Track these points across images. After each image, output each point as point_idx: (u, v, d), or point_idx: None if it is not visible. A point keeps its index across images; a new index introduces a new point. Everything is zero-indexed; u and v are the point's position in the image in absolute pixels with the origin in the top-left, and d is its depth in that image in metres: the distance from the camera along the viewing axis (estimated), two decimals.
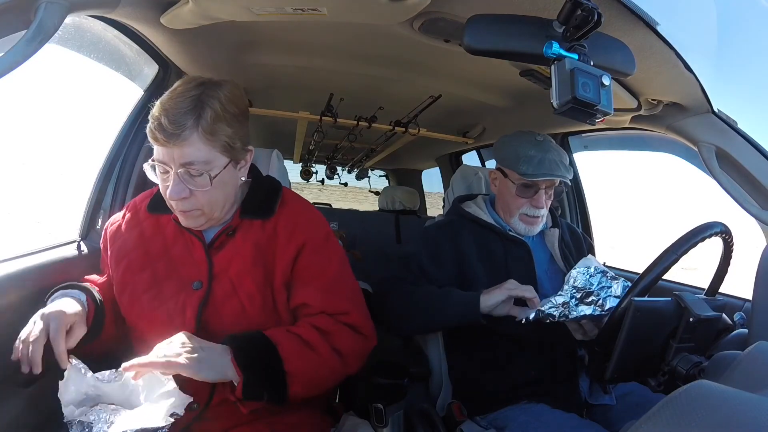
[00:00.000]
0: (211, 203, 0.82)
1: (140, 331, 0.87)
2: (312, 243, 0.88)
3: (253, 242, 0.86)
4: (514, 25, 0.67)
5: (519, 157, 1.11)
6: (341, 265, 0.92)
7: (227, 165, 0.81)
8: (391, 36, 1.08)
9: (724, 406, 0.39)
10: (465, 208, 1.23)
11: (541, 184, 1.12)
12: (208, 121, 0.76)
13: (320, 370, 0.82)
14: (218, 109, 0.77)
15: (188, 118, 0.75)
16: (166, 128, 0.74)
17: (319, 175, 4.06)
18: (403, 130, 2.15)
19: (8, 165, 6.40)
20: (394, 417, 1.05)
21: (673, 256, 0.82)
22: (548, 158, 1.10)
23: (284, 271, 0.86)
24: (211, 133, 0.77)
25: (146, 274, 0.87)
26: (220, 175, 0.80)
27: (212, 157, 0.79)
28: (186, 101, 0.76)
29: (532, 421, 0.94)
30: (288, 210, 0.91)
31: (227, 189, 0.85)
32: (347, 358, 0.85)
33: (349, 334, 0.87)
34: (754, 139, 1.04)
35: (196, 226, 0.86)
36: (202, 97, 0.77)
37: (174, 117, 0.74)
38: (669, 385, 0.77)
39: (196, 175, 0.78)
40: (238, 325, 0.83)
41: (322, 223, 0.94)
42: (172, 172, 0.78)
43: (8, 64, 0.57)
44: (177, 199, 0.79)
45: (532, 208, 1.13)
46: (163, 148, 0.77)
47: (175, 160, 0.77)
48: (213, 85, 0.80)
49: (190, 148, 0.76)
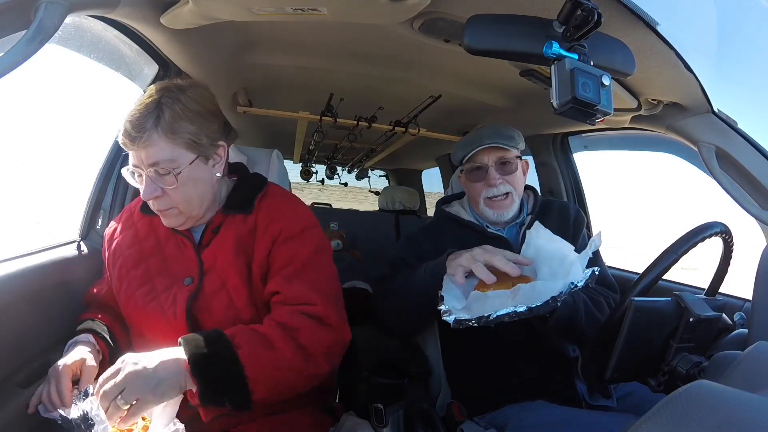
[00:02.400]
0: (186, 200, 0.85)
1: (137, 326, 0.90)
2: (285, 234, 0.88)
3: (235, 236, 0.88)
4: (514, 25, 0.67)
5: (457, 149, 1.19)
6: (314, 254, 0.89)
7: (194, 161, 0.84)
8: (391, 36, 1.08)
9: (724, 406, 0.39)
10: (446, 209, 1.25)
11: (486, 161, 1.14)
12: (167, 121, 0.80)
13: (285, 373, 0.78)
14: (177, 109, 0.82)
15: (148, 120, 0.79)
16: (129, 132, 0.79)
17: (319, 175, 4.05)
18: (403, 130, 2.15)
19: (8, 165, 6.41)
20: (394, 417, 1.05)
21: (673, 256, 0.82)
22: (480, 134, 1.14)
23: (261, 264, 0.87)
24: (172, 132, 0.81)
25: (140, 270, 0.90)
26: (188, 172, 0.83)
27: (177, 154, 0.82)
28: (146, 105, 0.81)
29: (532, 416, 0.94)
30: (268, 203, 0.93)
31: (200, 186, 0.87)
32: (314, 356, 0.81)
33: (314, 328, 0.82)
34: (754, 139, 1.04)
35: (177, 225, 0.88)
36: (162, 99, 0.82)
37: (135, 120, 0.79)
38: (669, 385, 0.77)
39: (164, 174, 0.82)
40: (226, 317, 0.85)
41: (302, 215, 0.93)
42: (144, 173, 0.82)
43: (8, 64, 0.57)
44: (150, 199, 0.83)
45: (490, 188, 1.14)
46: (132, 152, 0.82)
47: (144, 161, 0.81)
48: (175, 87, 0.85)
49: (153, 148, 0.80)
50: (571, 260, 0.81)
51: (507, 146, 1.13)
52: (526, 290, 0.78)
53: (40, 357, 0.89)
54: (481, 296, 0.82)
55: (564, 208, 1.24)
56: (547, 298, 0.74)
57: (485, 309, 0.77)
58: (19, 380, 0.85)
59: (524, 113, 1.67)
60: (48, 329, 0.92)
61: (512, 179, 1.15)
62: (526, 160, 1.21)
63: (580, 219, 1.23)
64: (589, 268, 0.78)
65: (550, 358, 1.07)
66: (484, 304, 0.80)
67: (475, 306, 0.80)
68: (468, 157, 1.16)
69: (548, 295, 0.74)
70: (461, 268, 0.88)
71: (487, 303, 0.79)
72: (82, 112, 8.76)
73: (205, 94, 0.87)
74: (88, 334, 0.87)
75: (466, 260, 0.88)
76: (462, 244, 1.13)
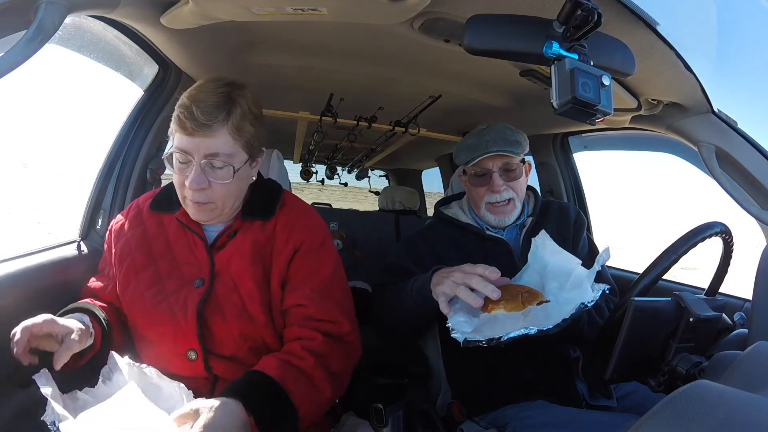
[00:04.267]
0: (225, 197, 0.84)
1: (142, 328, 0.87)
2: (308, 245, 0.89)
3: (252, 241, 0.88)
4: (514, 25, 0.67)
5: (461, 151, 1.17)
6: (334, 269, 0.92)
7: (246, 162, 0.85)
8: (391, 36, 1.08)
9: (724, 406, 0.39)
10: (444, 211, 1.23)
11: (490, 167, 1.12)
12: (238, 117, 0.81)
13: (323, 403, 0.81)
14: (245, 108, 0.82)
15: (220, 112, 0.78)
16: (197, 117, 0.77)
17: (319, 175, 4.05)
18: (403, 130, 2.15)
19: (9, 166, 6.42)
20: (394, 417, 1.05)
21: (673, 256, 0.82)
22: (485, 140, 1.12)
23: (280, 272, 0.87)
24: (238, 129, 0.81)
25: (149, 272, 0.88)
26: (240, 170, 0.83)
27: (235, 151, 0.82)
28: (217, 95, 0.80)
29: (532, 416, 0.94)
30: (287, 212, 0.92)
31: (242, 184, 0.88)
32: (341, 378, 0.85)
33: (341, 351, 0.85)
34: (754, 139, 1.04)
35: (206, 219, 0.87)
36: (232, 94, 0.81)
37: (206, 108, 0.77)
38: (669, 385, 0.77)
39: (218, 167, 0.81)
40: (239, 323, 0.84)
41: (321, 228, 0.94)
42: (195, 162, 0.80)
43: (8, 64, 0.57)
44: (196, 189, 0.81)
45: (492, 194, 1.12)
46: (189, 137, 0.79)
47: (200, 150, 0.79)
48: (240, 85, 0.85)
49: (218, 140, 0.79)
50: (578, 276, 0.80)
51: (513, 153, 1.11)
52: (537, 312, 0.77)
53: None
54: (492, 318, 0.80)
55: (564, 210, 1.23)
56: (558, 321, 0.73)
57: (496, 331, 0.76)
58: (19, 380, 0.85)
59: (524, 113, 1.67)
60: None
61: (516, 185, 1.13)
62: (529, 162, 1.20)
63: (581, 221, 1.22)
64: (599, 285, 0.77)
65: (550, 359, 1.07)
66: (494, 326, 0.78)
67: (486, 328, 0.78)
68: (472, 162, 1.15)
69: (560, 318, 0.74)
70: (443, 296, 0.83)
71: (497, 325, 0.78)
72: (83, 113, 8.79)
73: (258, 99, 0.88)
74: (84, 314, 0.82)
75: (449, 287, 0.83)
76: (460, 246, 1.13)
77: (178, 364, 0.84)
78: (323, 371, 0.80)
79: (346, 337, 0.87)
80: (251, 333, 0.85)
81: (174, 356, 0.84)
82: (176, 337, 0.84)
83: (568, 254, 0.87)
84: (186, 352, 0.84)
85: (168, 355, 0.85)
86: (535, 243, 0.93)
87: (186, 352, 0.84)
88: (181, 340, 0.84)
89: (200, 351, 0.84)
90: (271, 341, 0.87)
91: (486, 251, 1.12)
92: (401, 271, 1.10)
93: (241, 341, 0.85)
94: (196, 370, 0.84)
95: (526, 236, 1.14)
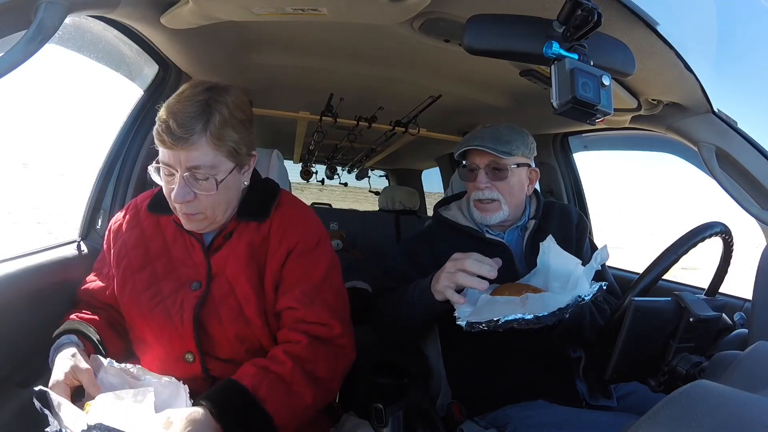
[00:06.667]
0: (214, 207, 0.82)
1: (139, 329, 0.87)
2: (301, 247, 0.88)
3: (247, 243, 0.87)
4: (514, 25, 0.67)
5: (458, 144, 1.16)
6: (327, 271, 0.90)
7: (232, 170, 0.82)
8: (391, 36, 1.08)
9: (724, 406, 0.39)
10: (443, 213, 1.21)
11: (477, 163, 1.11)
12: (216, 126, 0.77)
13: (304, 408, 0.79)
14: (226, 115, 0.78)
15: (197, 123, 0.75)
16: (174, 131, 0.74)
17: (319, 175, 4.05)
18: (403, 130, 2.15)
19: (9, 166, 6.42)
20: (394, 417, 1.05)
21: (673, 256, 0.82)
22: (478, 135, 1.11)
23: (274, 274, 0.86)
24: (218, 138, 0.77)
25: (146, 273, 0.87)
26: (225, 180, 0.80)
27: (218, 161, 0.79)
28: (194, 105, 0.76)
29: (532, 416, 0.94)
30: (282, 213, 0.91)
31: (230, 193, 0.85)
32: (327, 383, 0.83)
33: (329, 355, 0.84)
34: (754, 139, 1.04)
35: (198, 229, 0.86)
36: (210, 101, 0.77)
37: (182, 120, 0.74)
38: (669, 385, 0.77)
39: (201, 179, 0.78)
40: (235, 326, 0.83)
41: (316, 229, 0.93)
42: (178, 175, 0.78)
43: (8, 64, 0.57)
44: (182, 203, 0.79)
45: (477, 191, 1.11)
46: (169, 150, 0.77)
47: (182, 163, 0.77)
48: (220, 89, 0.80)
49: (197, 152, 0.76)
50: (578, 274, 0.83)
51: (496, 152, 1.07)
52: (535, 299, 0.81)
53: (40, 357, 0.89)
54: (491, 300, 0.84)
55: (566, 211, 1.22)
56: (554, 309, 0.76)
57: (494, 313, 0.79)
58: (19, 380, 0.85)
59: (524, 113, 1.67)
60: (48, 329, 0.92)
61: (502, 186, 1.10)
62: (534, 169, 1.16)
63: (583, 225, 1.21)
64: (597, 283, 0.80)
65: (550, 359, 1.07)
66: (493, 308, 0.81)
67: (485, 310, 0.82)
68: (463, 156, 1.15)
69: (555, 306, 0.76)
70: (448, 289, 0.86)
71: (496, 307, 0.81)
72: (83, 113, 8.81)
73: (245, 101, 0.84)
74: (72, 335, 0.82)
75: (446, 279, 0.86)
76: (460, 249, 1.12)
77: (176, 366, 0.84)
78: (304, 376, 0.78)
79: (337, 340, 0.86)
80: (248, 336, 0.85)
81: (172, 358, 0.85)
82: (173, 340, 0.84)
83: (568, 255, 0.89)
84: (183, 355, 0.84)
85: (166, 357, 0.85)
86: (542, 247, 0.95)
87: (183, 355, 0.84)
88: (178, 342, 0.84)
89: (197, 353, 0.84)
90: (267, 343, 0.87)
91: (485, 254, 1.11)
92: (401, 277, 1.09)
93: (238, 344, 0.85)
94: (194, 372, 0.84)
95: (529, 239, 1.13)
